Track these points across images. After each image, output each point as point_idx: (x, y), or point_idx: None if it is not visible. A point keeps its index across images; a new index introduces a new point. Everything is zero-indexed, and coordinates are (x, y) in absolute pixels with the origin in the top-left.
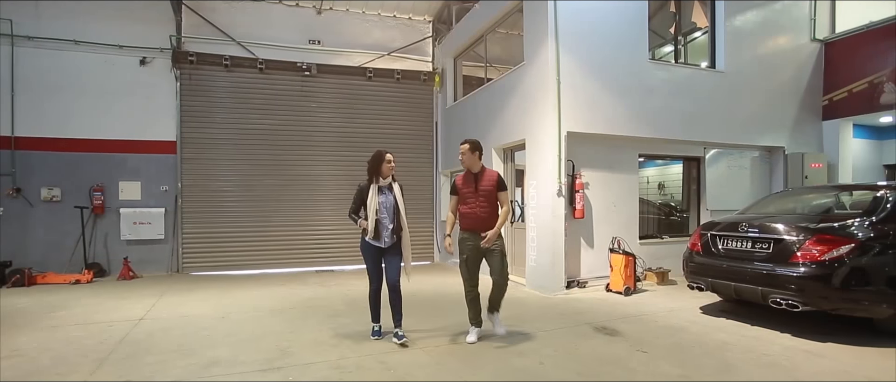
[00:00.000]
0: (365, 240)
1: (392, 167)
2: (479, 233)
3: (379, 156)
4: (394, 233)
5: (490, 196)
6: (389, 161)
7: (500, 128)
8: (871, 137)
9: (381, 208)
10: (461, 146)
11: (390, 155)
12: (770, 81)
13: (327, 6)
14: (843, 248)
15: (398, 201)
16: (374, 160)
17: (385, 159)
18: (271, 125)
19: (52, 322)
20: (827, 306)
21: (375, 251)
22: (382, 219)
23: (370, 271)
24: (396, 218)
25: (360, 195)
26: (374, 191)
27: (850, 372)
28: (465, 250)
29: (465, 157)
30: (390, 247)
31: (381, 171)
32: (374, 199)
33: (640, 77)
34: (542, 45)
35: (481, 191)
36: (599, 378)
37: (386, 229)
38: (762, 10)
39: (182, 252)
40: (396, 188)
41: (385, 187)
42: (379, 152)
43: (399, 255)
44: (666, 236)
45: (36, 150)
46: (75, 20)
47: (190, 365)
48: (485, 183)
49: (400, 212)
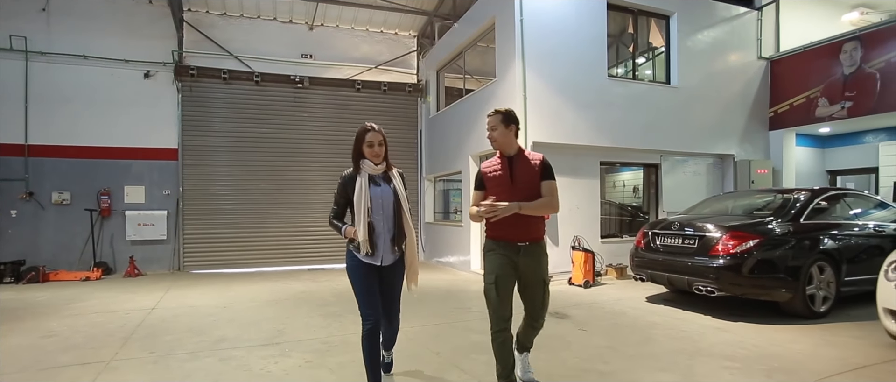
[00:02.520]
0: (353, 256)
1: (380, 151)
2: (515, 243)
3: (357, 135)
4: (395, 243)
5: (531, 189)
6: (372, 143)
7: (477, 137)
8: (813, 146)
9: (375, 207)
10: (489, 118)
11: (376, 133)
12: (721, 94)
13: (319, 22)
14: (751, 242)
15: (400, 197)
16: (355, 141)
17: (365, 139)
18: (266, 134)
19: (74, 312)
20: (738, 291)
21: (369, 273)
22: (376, 222)
23: (361, 301)
24: (398, 220)
25: (343, 191)
26: (364, 183)
27: (740, 342)
28: (494, 266)
29: (495, 132)
30: (391, 266)
31: (363, 155)
32: (364, 195)
33: (600, 93)
34: (511, 65)
35: (519, 182)
36: (540, 349)
37: (383, 239)
38: (713, 30)
39: (183, 252)
40: (396, 178)
41: (379, 177)
42: (359, 130)
43: (401, 278)
44: (626, 236)
45: (47, 157)
46: (84, 36)
47: (202, 342)
48: (524, 171)
49: (403, 211)
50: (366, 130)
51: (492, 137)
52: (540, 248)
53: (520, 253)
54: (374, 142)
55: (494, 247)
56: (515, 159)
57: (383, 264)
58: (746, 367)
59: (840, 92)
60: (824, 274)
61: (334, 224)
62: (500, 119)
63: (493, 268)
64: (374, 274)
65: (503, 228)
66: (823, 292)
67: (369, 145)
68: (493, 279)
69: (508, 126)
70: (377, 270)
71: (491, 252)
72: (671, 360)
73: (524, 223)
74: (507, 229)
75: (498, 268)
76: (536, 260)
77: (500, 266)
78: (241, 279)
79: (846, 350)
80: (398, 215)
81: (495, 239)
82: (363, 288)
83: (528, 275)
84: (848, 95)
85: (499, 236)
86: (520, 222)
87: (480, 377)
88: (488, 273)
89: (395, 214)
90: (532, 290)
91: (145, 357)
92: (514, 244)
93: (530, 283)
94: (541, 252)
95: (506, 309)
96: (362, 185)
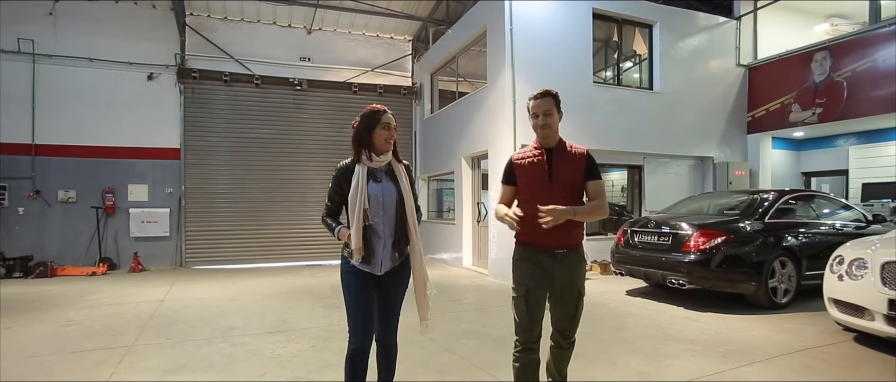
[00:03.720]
0: (348, 261)
1: (393, 135)
2: (552, 251)
3: (370, 116)
4: (396, 248)
5: (572, 188)
6: (388, 125)
7: (469, 139)
8: (789, 148)
9: (373, 208)
10: (536, 101)
11: (391, 115)
12: (701, 99)
13: (317, 26)
14: (719, 239)
15: (404, 194)
16: (362, 123)
17: (381, 121)
18: (266, 134)
19: (88, 303)
20: (707, 284)
21: (364, 283)
22: (376, 224)
23: (350, 315)
24: (401, 224)
25: (338, 185)
26: (362, 176)
27: (705, 330)
28: (525, 277)
29: (550, 118)
30: (391, 274)
31: (373, 141)
32: (360, 193)
33: (586, 98)
34: (501, 71)
35: (560, 179)
36: None
37: (382, 243)
38: (694, 38)
39: (185, 248)
40: (401, 172)
41: (380, 171)
42: (371, 110)
43: (403, 285)
44: (610, 233)
45: (54, 156)
46: (90, 39)
47: (213, 330)
48: (566, 167)
49: (406, 212)
50: (380, 110)
51: (546, 124)
52: (578, 255)
53: (556, 261)
54: (391, 124)
55: (526, 255)
56: (556, 152)
57: (381, 272)
58: (706, 349)
59: (811, 99)
60: (786, 269)
61: (327, 223)
62: (552, 102)
63: (523, 279)
64: (370, 285)
65: (539, 232)
66: (785, 285)
67: (386, 127)
68: (524, 292)
69: (559, 111)
70: (375, 279)
71: (522, 261)
72: (640, 344)
73: (564, 227)
74: (545, 235)
75: (529, 279)
76: (574, 269)
77: (533, 277)
78: (242, 274)
79: (797, 335)
80: (401, 218)
81: (528, 246)
82: (355, 301)
83: (564, 285)
84: (818, 102)
85: (533, 242)
86: (560, 226)
87: (469, 359)
88: (518, 285)
89: (397, 216)
90: (566, 301)
91: (163, 342)
92: (550, 252)
93: (565, 294)
94: (579, 260)
95: (536, 327)
96: (360, 181)
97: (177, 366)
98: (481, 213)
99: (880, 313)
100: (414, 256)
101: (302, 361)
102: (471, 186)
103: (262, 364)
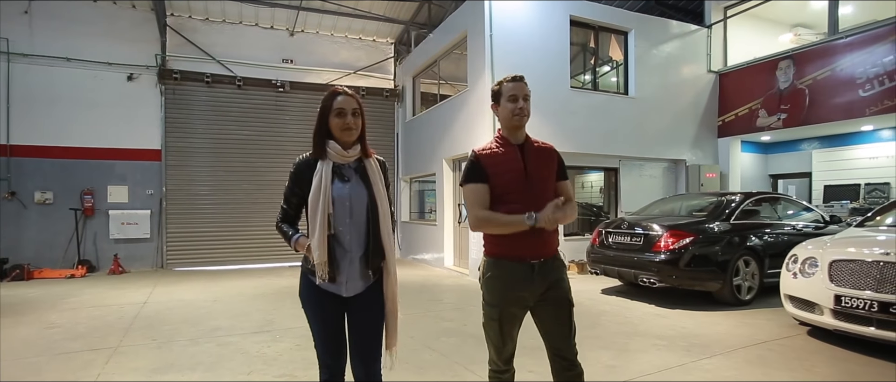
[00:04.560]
0: (308, 279)
1: (355, 125)
2: (527, 261)
3: (323, 100)
4: (367, 264)
5: (547, 188)
6: (343, 111)
7: (450, 142)
8: (757, 152)
9: (339, 213)
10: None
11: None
12: (674, 104)
13: (299, 28)
14: (687, 239)
15: (377, 197)
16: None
17: (332, 106)
18: (248, 136)
19: (70, 306)
20: (676, 282)
21: (329, 305)
22: (341, 233)
23: (319, 341)
24: (373, 233)
25: (297, 184)
26: (326, 174)
27: (673, 326)
28: (497, 297)
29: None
30: (361, 301)
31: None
32: (323, 194)
33: (563, 102)
34: (481, 76)
35: (535, 178)
36: None
37: (348, 257)
38: (667, 45)
39: (166, 250)
40: (374, 170)
41: (348, 168)
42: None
43: (379, 315)
44: (587, 234)
45: (30, 157)
46: (67, 39)
47: (198, 330)
48: (540, 164)
49: (379, 219)
50: (335, 93)
51: (525, 111)
52: (559, 261)
53: (534, 273)
54: (346, 110)
55: (497, 270)
56: (527, 148)
57: (347, 293)
58: (671, 344)
59: (776, 105)
60: (749, 267)
61: (282, 231)
62: (526, 87)
63: (496, 299)
64: (336, 307)
65: (512, 242)
66: (749, 282)
67: (339, 113)
68: (497, 315)
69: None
70: (340, 302)
71: (495, 279)
72: (611, 340)
73: (543, 233)
74: (518, 244)
75: (501, 299)
76: (557, 276)
77: (504, 296)
78: (225, 275)
79: (757, 329)
80: (374, 225)
81: (500, 258)
82: (321, 326)
83: (549, 297)
84: (783, 108)
85: (505, 253)
86: (539, 232)
87: (449, 355)
88: (491, 305)
89: (369, 223)
90: (554, 314)
91: (149, 343)
92: (525, 263)
93: (552, 306)
94: (560, 266)
95: (510, 348)
96: (323, 179)
97: (164, 366)
98: (462, 214)
99: (828, 308)
100: (386, 273)
101: (287, 359)
102: (452, 187)
103: (248, 362)
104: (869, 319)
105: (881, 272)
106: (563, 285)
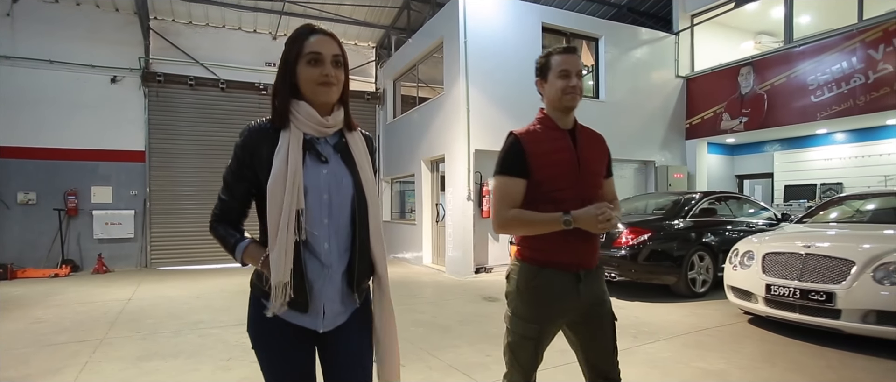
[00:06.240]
0: (259, 308)
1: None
2: (575, 272)
3: (289, 42)
4: (352, 284)
5: (598, 182)
6: (319, 57)
7: (428, 143)
8: (723, 153)
9: (314, 207)
10: (567, 56)
11: (327, 38)
12: (643, 108)
13: (282, 32)
14: (645, 235)
15: (365, 187)
16: (282, 58)
17: (304, 48)
18: (231, 138)
19: (55, 303)
20: (635, 276)
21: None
22: (316, 239)
23: None
24: (361, 237)
25: (245, 164)
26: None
27: (628, 316)
28: (539, 313)
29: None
30: (342, 329)
31: (299, 87)
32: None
33: (536, 106)
34: (456, 80)
35: (588, 170)
36: (467, 323)
37: (327, 274)
38: (636, 51)
39: (150, 249)
40: (359, 148)
41: (325, 142)
42: (294, 32)
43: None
44: None
45: (13, 158)
46: (50, 41)
47: (181, 323)
48: (592, 154)
49: (369, 219)
50: (307, 30)
51: (579, 88)
52: (602, 270)
53: (580, 285)
54: (323, 55)
55: (540, 280)
56: (579, 135)
57: (326, 328)
58: (622, 331)
59: (738, 108)
60: (704, 262)
61: (219, 235)
62: (580, 61)
63: (536, 314)
64: (306, 347)
65: (558, 246)
66: (703, 276)
67: (314, 60)
68: (535, 333)
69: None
70: (310, 340)
71: (535, 290)
72: None
73: (592, 238)
74: (571, 251)
75: (543, 316)
76: (602, 288)
77: (548, 312)
78: (208, 274)
79: (703, 318)
80: (362, 227)
81: (544, 266)
82: (281, 376)
83: (595, 312)
84: (744, 112)
85: (549, 260)
86: (588, 237)
87: (415, 343)
88: (525, 322)
89: (354, 222)
90: (598, 331)
91: (134, 335)
92: (572, 273)
93: (596, 321)
94: (602, 274)
95: (534, 365)
96: (290, 157)
97: (148, 354)
98: (439, 213)
99: (761, 296)
100: (380, 296)
101: None
102: (430, 188)
103: (227, 350)
104: (793, 305)
105: (804, 262)
106: (606, 298)
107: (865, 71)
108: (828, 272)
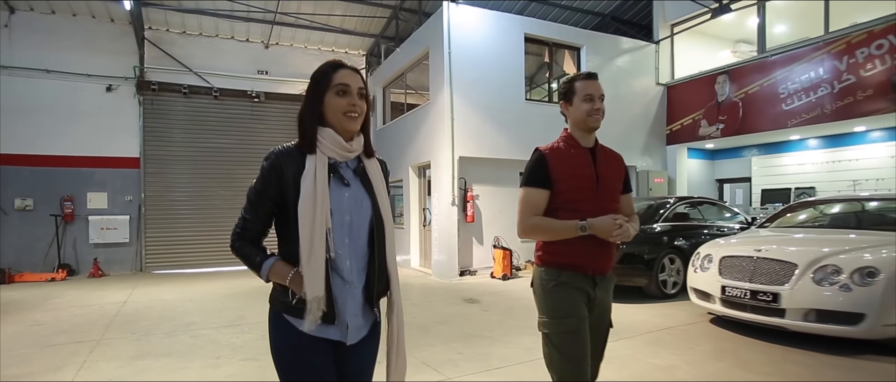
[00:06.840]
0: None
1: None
2: (592, 275)
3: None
4: (371, 299)
5: (615, 197)
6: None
7: (415, 150)
8: (703, 158)
9: (338, 228)
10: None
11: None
12: (625, 114)
13: (274, 41)
14: None
15: (382, 210)
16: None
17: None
18: (225, 144)
19: (53, 306)
20: None
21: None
22: (339, 257)
23: None
24: (379, 256)
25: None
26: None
27: None
28: (571, 307)
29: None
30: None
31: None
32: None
33: (519, 114)
34: (441, 89)
35: (606, 187)
36: (445, 323)
37: (349, 290)
38: (618, 60)
39: (145, 254)
40: (376, 174)
41: (347, 168)
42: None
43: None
44: None
45: (10, 165)
46: (47, 51)
47: (174, 325)
48: (610, 172)
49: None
50: (335, 64)
51: (602, 111)
52: (613, 278)
53: (595, 288)
54: (351, 87)
55: (566, 278)
56: (599, 153)
57: (352, 340)
58: None
59: (715, 115)
60: (674, 264)
61: (243, 254)
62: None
63: (569, 309)
64: (330, 360)
65: (584, 253)
66: (673, 278)
67: (342, 91)
68: (576, 326)
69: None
70: (332, 351)
71: (566, 287)
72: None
73: (608, 246)
74: (592, 256)
75: (577, 309)
76: (610, 296)
77: (578, 307)
78: (202, 277)
79: (668, 318)
80: (379, 247)
81: (567, 269)
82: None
83: (598, 316)
84: (721, 119)
85: (579, 264)
86: (603, 244)
87: None
88: (564, 317)
89: (372, 243)
90: (595, 335)
91: (129, 336)
92: (590, 277)
93: (597, 326)
94: (613, 282)
95: (587, 362)
96: (317, 180)
97: (142, 354)
98: (426, 218)
99: (718, 297)
100: (392, 309)
101: (253, 347)
102: (418, 193)
103: (217, 350)
104: (744, 305)
105: (755, 265)
106: (609, 304)
107: (832, 81)
108: (774, 274)
